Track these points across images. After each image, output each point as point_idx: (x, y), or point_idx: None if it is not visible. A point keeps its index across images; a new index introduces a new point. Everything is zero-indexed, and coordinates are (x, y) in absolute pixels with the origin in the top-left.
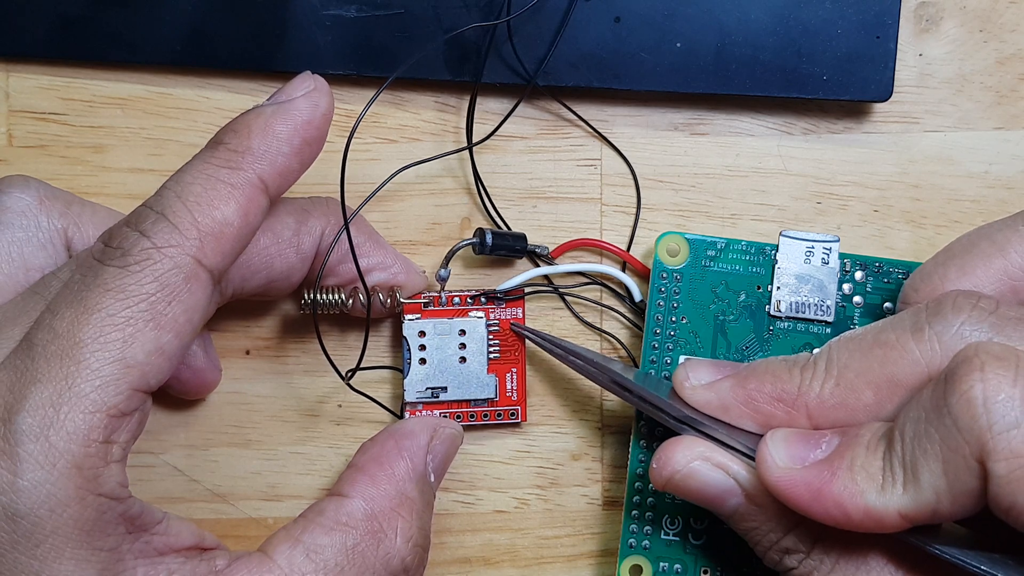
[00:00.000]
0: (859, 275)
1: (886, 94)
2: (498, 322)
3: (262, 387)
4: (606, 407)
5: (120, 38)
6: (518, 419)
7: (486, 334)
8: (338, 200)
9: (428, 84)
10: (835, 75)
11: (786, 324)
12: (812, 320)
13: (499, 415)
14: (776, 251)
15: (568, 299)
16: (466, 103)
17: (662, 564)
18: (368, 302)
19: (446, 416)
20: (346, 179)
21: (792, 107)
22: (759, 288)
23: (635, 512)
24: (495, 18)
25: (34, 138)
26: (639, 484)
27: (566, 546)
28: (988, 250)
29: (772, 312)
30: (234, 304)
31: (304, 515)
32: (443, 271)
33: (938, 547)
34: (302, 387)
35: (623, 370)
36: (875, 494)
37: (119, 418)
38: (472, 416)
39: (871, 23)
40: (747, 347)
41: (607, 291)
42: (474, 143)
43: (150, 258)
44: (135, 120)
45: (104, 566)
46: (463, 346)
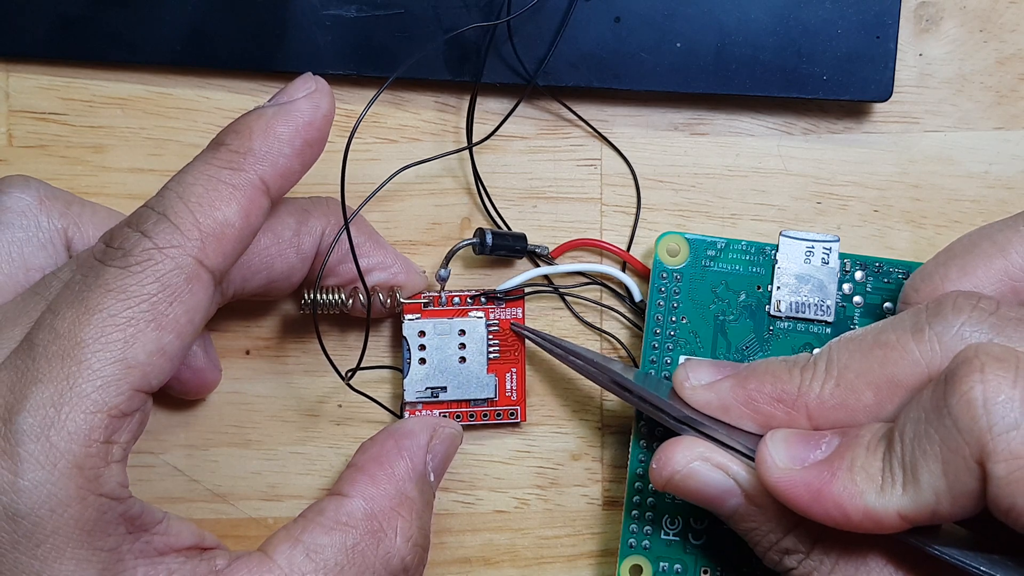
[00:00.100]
0: (859, 275)
1: (886, 94)
2: (498, 322)
3: (262, 387)
4: (606, 407)
5: (120, 38)
6: (518, 419)
7: (486, 334)
8: (338, 200)
9: (428, 84)
10: (835, 75)
11: (786, 324)
12: (812, 320)
13: (499, 415)
14: (776, 251)
15: (568, 299)
16: (466, 103)
17: (662, 564)
18: (368, 302)
19: (446, 416)
20: (346, 179)
21: (792, 107)
22: (759, 288)
23: (635, 512)
24: (495, 18)
25: (34, 138)
26: (639, 484)
27: (566, 546)
28: (989, 250)
29: (772, 312)
30: (234, 304)
31: (304, 515)
32: (443, 271)
33: (938, 548)
34: (302, 387)
35: (623, 370)
36: (875, 495)
37: (120, 418)
38: (472, 416)
39: (871, 23)
40: (747, 347)
41: (607, 291)
42: (474, 143)
43: (151, 259)
44: (135, 120)
45: (104, 566)
46: (463, 346)
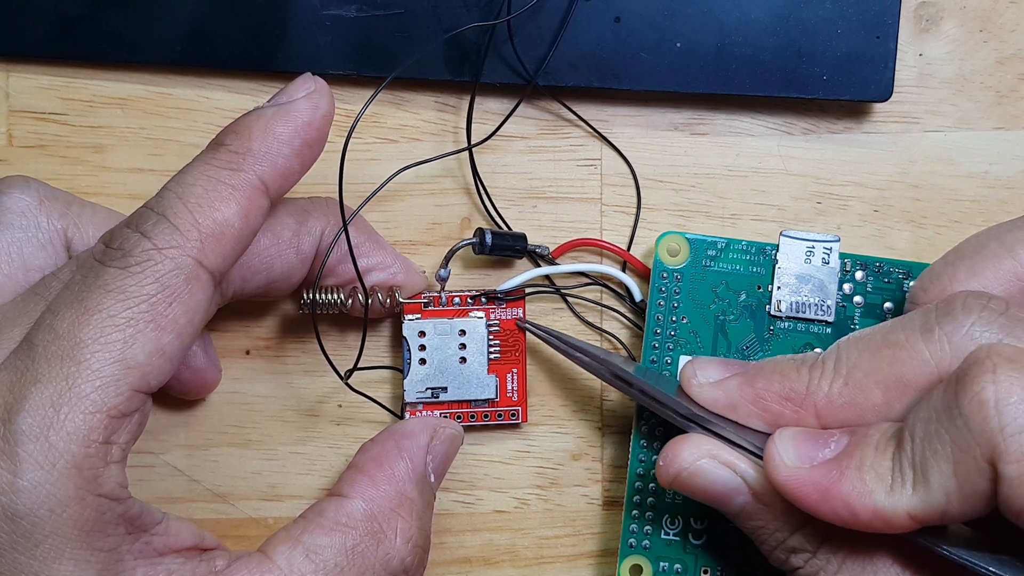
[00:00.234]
0: (859, 275)
1: (886, 94)
2: (498, 322)
3: (262, 387)
4: (606, 407)
5: (120, 38)
6: (518, 420)
7: (486, 334)
8: (338, 200)
9: (428, 84)
10: (835, 75)
11: (786, 324)
12: (812, 320)
13: (499, 416)
14: (776, 251)
15: (568, 299)
16: (466, 103)
17: (662, 564)
18: (366, 302)
19: (446, 416)
20: (346, 179)
21: (792, 107)
22: (759, 288)
23: (635, 512)
24: (495, 18)
25: (34, 138)
26: (639, 484)
27: (566, 546)
28: (998, 251)
29: (772, 312)
30: (234, 304)
31: (304, 515)
32: (443, 271)
33: (946, 548)
34: (302, 387)
35: (624, 364)
36: (884, 494)
37: (119, 419)
38: (472, 416)
39: (871, 23)
40: (747, 347)
41: (607, 291)
42: (474, 143)
43: (151, 259)
44: (135, 120)
45: (104, 566)
46: (463, 346)
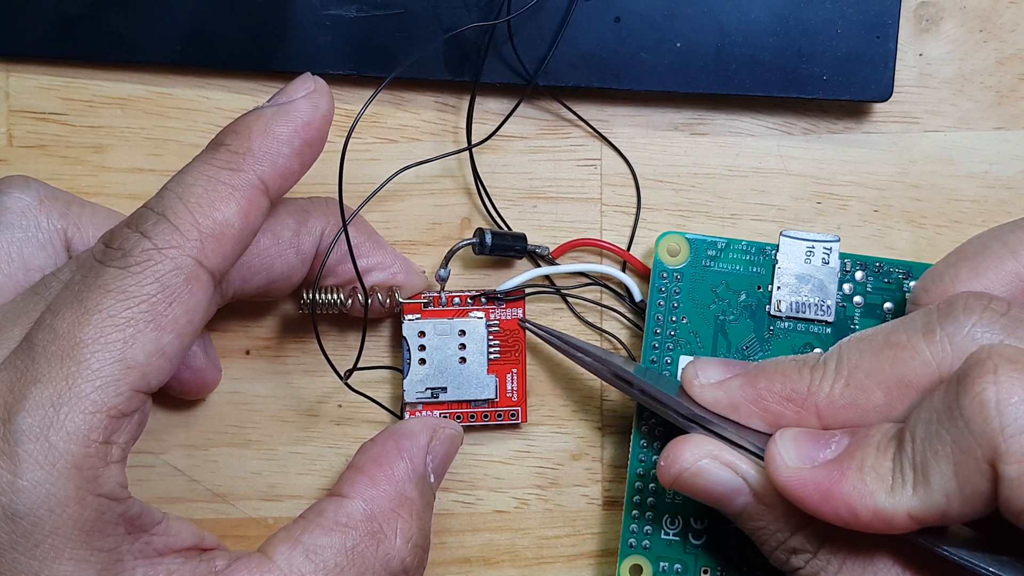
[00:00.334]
0: (859, 275)
1: (886, 94)
2: (498, 322)
3: (262, 387)
4: (606, 407)
5: (120, 38)
6: (518, 420)
7: (486, 334)
8: (337, 200)
9: (428, 84)
10: (835, 75)
11: (786, 324)
12: (812, 320)
13: (499, 416)
14: (776, 251)
15: (569, 299)
16: (466, 103)
17: (662, 564)
18: (366, 302)
19: (446, 416)
20: (346, 179)
21: (792, 107)
22: (759, 288)
23: (635, 512)
24: (495, 18)
25: (34, 138)
26: (639, 484)
27: (566, 546)
28: (1000, 252)
29: (772, 312)
30: (234, 304)
31: (304, 515)
32: (443, 271)
33: (946, 548)
34: (302, 387)
35: (625, 364)
36: (885, 495)
37: (119, 419)
38: (472, 417)
39: (871, 23)
40: (747, 347)
41: (607, 291)
42: (474, 143)
43: (151, 259)
44: (135, 120)
45: (103, 566)
46: (463, 346)
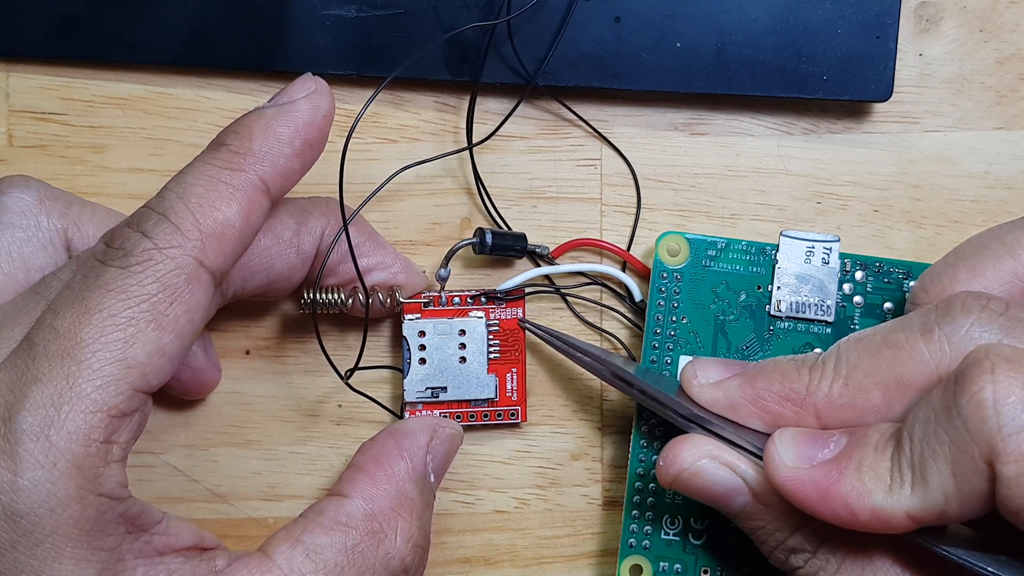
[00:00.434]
0: (859, 275)
1: (886, 94)
2: (498, 322)
3: (262, 387)
4: (606, 407)
5: (120, 38)
6: (518, 419)
7: (486, 334)
8: (338, 200)
9: (428, 84)
10: (835, 75)
11: (786, 324)
12: (812, 320)
13: (499, 415)
14: (776, 251)
15: (568, 299)
16: (466, 103)
17: (662, 564)
18: (367, 302)
19: (446, 416)
20: (346, 179)
21: (792, 107)
22: (759, 288)
23: (635, 512)
24: (495, 18)
25: (34, 138)
26: (639, 484)
27: (566, 546)
28: (998, 252)
29: (772, 312)
30: (234, 304)
31: (304, 515)
32: (443, 271)
33: (945, 548)
34: (302, 387)
35: (625, 364)
36: (883, 495)
37: (119, 418)
38: (472, 416)
39: (871, 23)
40: (747, 347)
41: (607, 291)
42: (474, 143)
43: (152, 259)
44: (135, 120)
45: (104, 566)
46: (463, 346)
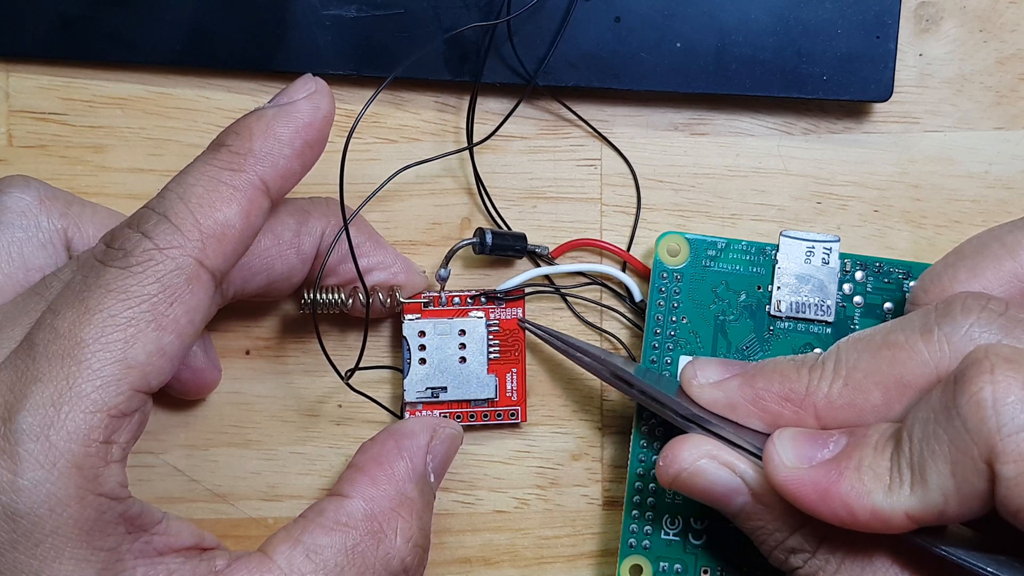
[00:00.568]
0: (859, 275)
1: (886, 94)
2: (498, 322)
3: (262, 387)
4: (606, 407)
5: (120, 38)
6: (518, 419)
7: (486, 334)
8: (338, 200)
9: (428, 84)
10: (835, 75)
11: (786, 324)
12: (812, 320)
13: (499, 415)
14: (776, 251)
15: (568, 299)
16: (466, 103)
17: (662, 564)
18: (367, 302)
19: (446, 416)
20: (346, 179)
21: (792, 107)
22: (759, 288)
23: (635, 512)
24: (495, 18)
25: (34, 138)
26: (639, 484)
27: (566, 546)
28: (998, 252)
29: (772, 312)
30: (234, 304)
31: (304, 515)
32: (443, 271)
33: (944, 548)
34: (302, 387)
35: (625, 364)
36: (882, 495)
37: (119, 418)
38: (472, 416)
39: (871, 23)
40: (747, 347)
41: (607, 291)
42: (474, 143)
43: (152, 259)
44: (135, 120)
45: (104, 566)
46: (463, 346)
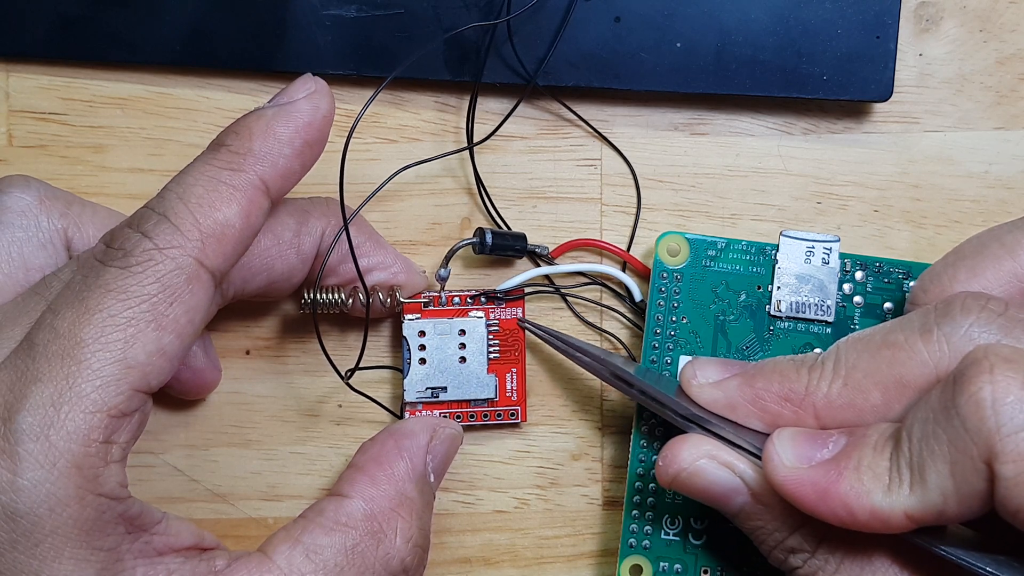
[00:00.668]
0: (859, 275)
1: (886, 94)
2: (498, 322)
3: (262, 387)
4: (606, 407)
5: (120, 38)
6: (518, 419)
7: (486, 334)
8: (338, 200)
9: (428, 84)
10: (835, 75)
11: (786, 324)
12: (812, 320)
13: (499, 415)
14: (776, 251)
15: (568, 299)
16: (466, 103)
17: (662, 564)
18: (367, 302)
19: (446, 416)
20: (346, 179)
21: (792, 107)
22: (759, 288)
23: (635, 512)
24: (495, 18)
25: (34, 138)
26: (639, 484)
27: (566, 546)
28: (998, 252)
29: (772, 312)
30: (234, 304)
31: (304, 515)
32: (443, 271)
33: (943, 548)
34: (302, 387)
35: (625, 364)
36: (881, 494)
37: (119, 418)
38: (472, 416)
39: (871, 23)
40: (747, 347)
41: (607, 291)
42: (474, 143)
43: (152, 259)
44: (135, 120)
45: (103, 566)
46: (463, 346)
